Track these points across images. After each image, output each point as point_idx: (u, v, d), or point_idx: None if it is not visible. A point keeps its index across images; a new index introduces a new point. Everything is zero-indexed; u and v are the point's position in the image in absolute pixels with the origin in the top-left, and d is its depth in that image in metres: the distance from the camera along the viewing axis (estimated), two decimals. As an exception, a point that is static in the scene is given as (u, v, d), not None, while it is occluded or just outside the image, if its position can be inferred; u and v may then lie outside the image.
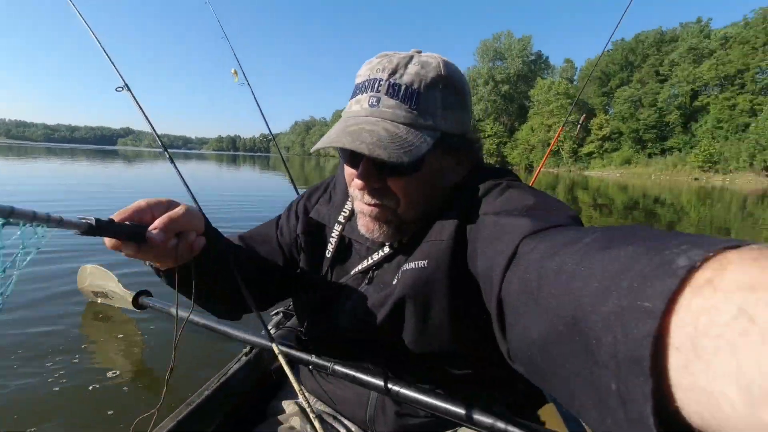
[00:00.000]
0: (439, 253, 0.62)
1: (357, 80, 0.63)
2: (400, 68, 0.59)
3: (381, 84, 0.59)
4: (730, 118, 38.67)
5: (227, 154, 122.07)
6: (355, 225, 0.71)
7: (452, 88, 0.62)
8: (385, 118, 0.59)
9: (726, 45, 41.85)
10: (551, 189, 17.35)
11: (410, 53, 0.63)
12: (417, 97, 0.59)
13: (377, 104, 0.60)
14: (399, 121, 0.59)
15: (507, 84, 64.34)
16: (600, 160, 49.60)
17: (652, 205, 11.76)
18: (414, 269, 0.64)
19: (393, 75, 0.59)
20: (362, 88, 0.61)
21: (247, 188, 11.61)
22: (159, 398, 0.68)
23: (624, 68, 52.52)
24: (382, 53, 0.64)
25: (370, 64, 0.62)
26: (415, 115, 0.60)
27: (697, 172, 37.48)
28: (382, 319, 0.67)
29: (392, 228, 0.67)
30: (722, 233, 6.85)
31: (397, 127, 0.59)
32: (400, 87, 0.59)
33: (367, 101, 0.60)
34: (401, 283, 0.65)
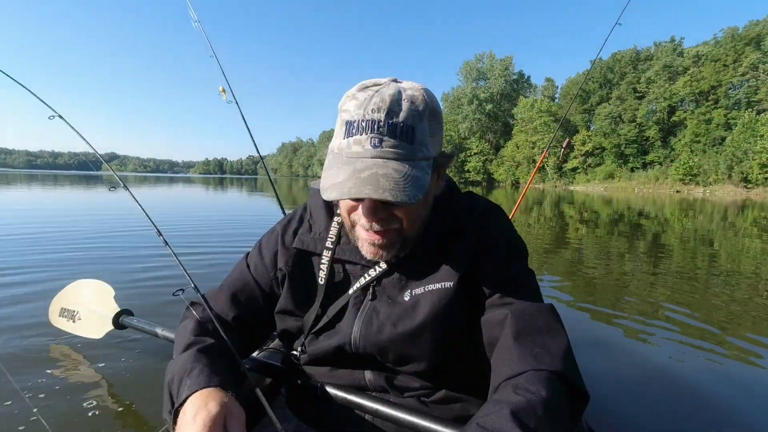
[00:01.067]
0: (463, 274, 0.73)
1: (346, 116, 0.65)
2: (394, 107, 0.62)
3: (380, 125, 0.62)
4: (706, 132, 39.93)
5: (214, 177, 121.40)
6: (346, 248, 0.79)
7: (434, 115, 0.68)
8: (389, 158, 0.63)
9: (698, 62, 43.54)
10: (538, 204, 17.54)
11: (394, 87, 0.65)
12: (412, 132, 0.64)
13: (380, 145, 0.62)
14: (402, 159, 0.63)
15: (491, 103, 65.65)
16: (584, 175, 50.54)
17: (637, 218, 11.92)
18: (441, 289, 0.72)
19: (390, 115, 0.62)
20: (360, 128, 0.63)
21: (235, 209, 11.50)
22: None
23: (603, 86, 54.12)
24: (363, 85, 0.67)
25: (357, 100, 0.64)
26: (413, 150, 0.64)
27: (679, 185, 38.33)
28: (403, 332, 0.72)
29: (396, 248, 0.73)
30: (706, 244, 6.95)
31: (402, 165, 0.63)
32: (397, 126, 0.62)
33: (368, 142, 0.62)
34: (429, 301, 0.72)
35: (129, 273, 3.69)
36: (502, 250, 0.76)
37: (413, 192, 0.61)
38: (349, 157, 0.64)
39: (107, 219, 7.89)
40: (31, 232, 5.79)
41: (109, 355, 2.07)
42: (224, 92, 1.90)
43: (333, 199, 0.63)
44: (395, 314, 0.74)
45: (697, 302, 3.49)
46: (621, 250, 6.18)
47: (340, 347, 0.77)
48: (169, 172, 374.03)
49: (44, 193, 16.53)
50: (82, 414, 1.59)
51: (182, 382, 0.65)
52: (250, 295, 0.85)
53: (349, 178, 0.61)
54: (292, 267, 0.83)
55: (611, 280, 4.27)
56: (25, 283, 3.25)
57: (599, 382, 2.07)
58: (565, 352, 0.65)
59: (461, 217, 0.80)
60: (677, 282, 4.20)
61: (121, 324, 1.77)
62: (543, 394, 0.57)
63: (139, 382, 1.86)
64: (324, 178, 0.66)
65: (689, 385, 2.07)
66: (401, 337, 0.72)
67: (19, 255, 4.29)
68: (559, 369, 0.62)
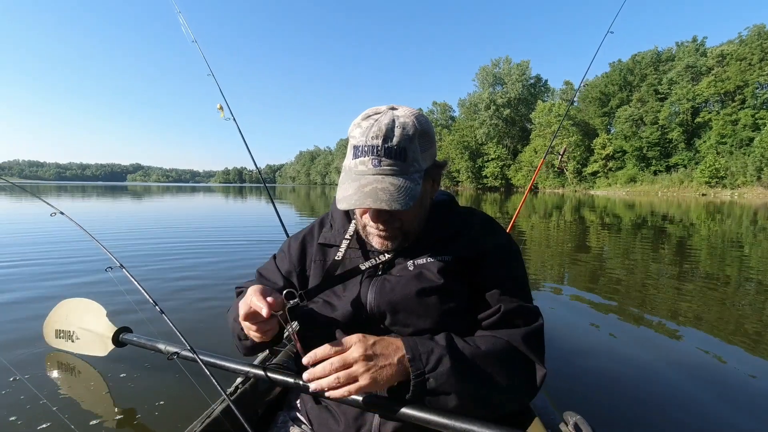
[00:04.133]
0: (460, 254, 0.90)
1: (353, 141, 0.82)
2: (388, 134, 0.79)
3: (378, 149, 0.79)
4: (733, 133, 38.61)
5: (234, 186, 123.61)
6: (362, 240, 0.96)
7: (424, 135, 0.84)
8: (386, 174, 0.80)
9: (723, 62, 42.30)
10: (557, 209, 17.27)
11: (390, 116, 0.81)
12: (405, 152, 0.80)
13: (379, 164, 0.79)
14: (397, 174, 0.80)
15: (508, 108, 65.07)
16: (605, 179, 49.48)
17: (661, 222, 11.61)
18: (440, 261, 0.89)
19: (385, 141, 0.79)
20: (363, 151, 0.80)
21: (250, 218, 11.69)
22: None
23: (623, 88, 53.03)
24: (366, 114, 0.84)
25: (361, 128, 0.81)
26: (406, 165, 0.81)
27: (705, 188, 37.17)
28: (412, 291, 0.86)
29: (399, 240, 0.90)
30: (735, 247, 6.72)
31: (397, 179, 0.80)
32: (392, 148, 0.79)
33: (370, 162, 0.80)
34: (431, 269, 0.88)
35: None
36: (499, 252, 0.92)
37: (406, 200, 0.78)
38: (357, 174, 0.81)
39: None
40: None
41: (111, 367, 2.10)
42: (222, 109, 1.94)
43: (344, 208, 0.79)
44: (404, 279, 0.88)
45: (726, 310, 3.38)
46: (645, 256, 6.03)
47: (358, 310, 0.89)
48: (191, 182, 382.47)
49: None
50: (91, 423, 1.64)
51: (239, 297, 0.92)
52: (273, 280, 1.01)
53: (355, 192, 0.79)
54: (317, 260, 0.99)
55: (635, 285, 4.17)
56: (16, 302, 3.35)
57: (616, 384, 2.03)
58: (529, 334, 0.84)
59: (461, 222, 0.96)
60: (704, 288, 4.07)
61: (122, 342, 1.76)
62: (484, 346, 0.80)
63: (141, 392, 1.90)
64: (339, 190, 0.83)
65: (710, 398, 2.01)
66: (410, 295, 0.86)
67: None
68: (515, 342, 0.83)
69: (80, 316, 2.01)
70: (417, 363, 0.75)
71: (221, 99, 1.86)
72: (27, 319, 2.77)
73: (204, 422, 1.02)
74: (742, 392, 2.06)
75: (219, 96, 1.89)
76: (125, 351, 1.83)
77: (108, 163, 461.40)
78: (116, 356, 2.10)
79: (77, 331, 1.99)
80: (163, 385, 1.96)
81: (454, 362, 0.75)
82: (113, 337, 1.75)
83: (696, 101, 42.81)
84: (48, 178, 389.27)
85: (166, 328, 1.39)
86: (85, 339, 1.96)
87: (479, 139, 66.81)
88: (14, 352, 2.25)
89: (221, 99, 1.86)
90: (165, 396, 1.86)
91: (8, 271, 4.22)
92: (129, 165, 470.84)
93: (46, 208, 1.98)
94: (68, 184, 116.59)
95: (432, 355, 0.75)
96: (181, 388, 1.89)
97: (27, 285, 3.68)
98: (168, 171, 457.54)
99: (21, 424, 1.62)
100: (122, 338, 1.75)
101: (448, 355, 0.76)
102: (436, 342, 0.78)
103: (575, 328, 2.93)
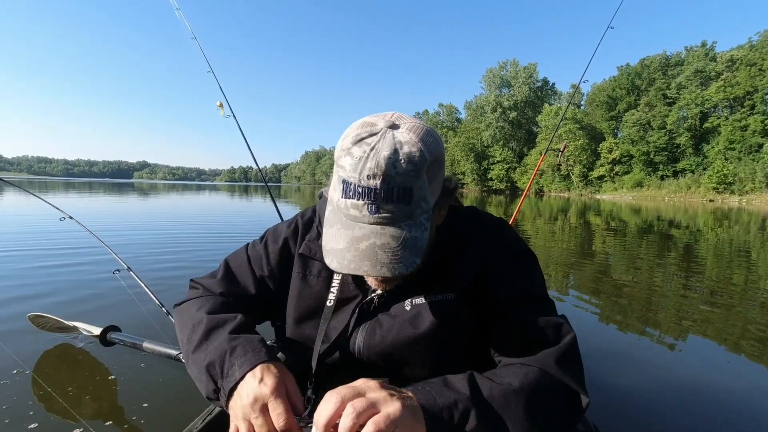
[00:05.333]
0: (462, 288, 0.77)
1: (342, 174, 0.63)
2: (389, 171, 0.60)
3: (377, 192, 0.61)
4: (742, 139, 38.29)
5: (239, 185, 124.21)
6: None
7: (434, 163, 0.65)
8: (386, 223, 0.63)
9: (733, 67, 41.96)
10: (562, 213, 17.18)
11: (390, 142, 0.61)
12: (410, 193, 0.62)
13: (377, 211, 0.62)
14: (399, 222, 0.63)
15: (514, 110, 64.92)
16: (611, 184, 49.22)
17: (667, 227, 11.52)
18: (442, 300, 0.76)
19: (386, 181, 0.60)
20: (356, 193, 0.62)
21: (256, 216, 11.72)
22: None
23: (630, 92, 52.74)
24: (358, 136, 0.63)
25: (352, 157, 0.62)
26: (412, 208, 0.63)
27: (712, 194, 36.86)
28: (405, 341, 0.76)
29: (399, 280, 0.77)
30: (742, 255, 6.65)
31: (400, 229, 0.63)
32: (393, 190, 0.61)
33: (366, 208, 0.62)
34: (430, 312, 0.76)
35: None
36: (509, 261, 0.78)
37: (411, 259, 0.63)
38: (348, 219, 0.65)
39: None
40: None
41: (113, 364, 2.10)
42: (222, 107, 1.93)
43: (334, 269, 0.64)
44: (397, 324, 0.77)
45: (732, 317, 3.34)
46: (650, 262, 5.98)
47: (345, 355, 0.80)
48: (197, 180, 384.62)
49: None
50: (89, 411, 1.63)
51: (227, 361, 0.68)
52: (244, 285, 0.88)
53: (348, 247, 0.63)
54: (297, 271, 0.86)
55: (640, 292, 4.14)
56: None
57: (620, 392, 2.01)
58: (565, 355, 0.68)
59: (465, 230, 0.82)
60: (710, 295, 4.03)
61: (109, 341, 1.76)
62: (516, 382, 0.64)
63: (143, 390, 1.88)
64: (325, 234, 0.67)
65: (715, 407, 1.98)
66: (403, 345, 0.75)
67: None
68: (550, 369, 0.67)
69: (62, 324, 2.03)
70: (436, 422, 0.56)
71: (223, 97, 1.86)
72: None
73: (205, 419, 1.01)
74: (745, 401, 2.03)
75: (221, 93, 1.89)
76: (128, 348, 1.83)
77: (115, 160, 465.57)
78: (118, 353, 2.12)
79: (71, 327, 2.01)
80: (166, 383, 1.95)
81: (482, 415, 0.58)
82: (101, 336, 1.76)
83: (705, 106, 42.50)
84: (56, 174, 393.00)
85: (173, 330, 1.39)
86: (80, 329, 2.00)
87: (485, 141, 66.70)
88: (15, 346, 2.26)
89: (223, 97, 1.86)
90: (171, 393, 1.86)
91: (15, 270, 4.25)
92: (136, 162, 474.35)
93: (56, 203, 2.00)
94: (76, 180, 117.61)
95: (455, 409, 0.58)
96: (185, 385, 1.88)
97: (32, 283, 3.71)
98: (174, 169, 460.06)
99: (32, 415, 1.62)
100: (110, 337, 1.74)
101: (475, 409, 0.58)
102: (457, 390, 0.61)
103: (578, 331, 2.91)
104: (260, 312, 0.91)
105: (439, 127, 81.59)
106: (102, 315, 2.72)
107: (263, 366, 0.66)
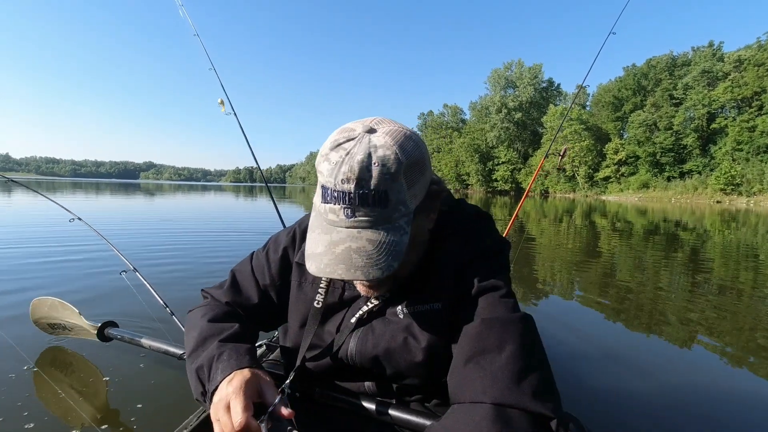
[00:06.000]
0: (448, 295, 0.75)
1: (321, 179, 0.65)
2: (363, 175, 0.60)
3: (351, 196, 0.61)
4: (750, 140, 37.91)
5: (244, 185, 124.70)
6: None
7: (412, 167, 0.64)
8: (363, 227, 0.63)
9: (740, 67, 41.57)
10: (567, 214, 17.10)
11: (365, 147, 0.62)
12: (386, 196, 0.62)
13: (352, 215, 0.62)
14: (376, 225, 0.63)
15: (519, 111, 64.72)
16: (617, 185, 48.93)
17: (674, 228, 11.43)
18: (429, 310, 0.76)
19: (359, 185, 0.60)
20: (333, 197, 0.63)
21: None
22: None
23: (637, 93, 52.40)
24: (336, 142, 0.64)
25: (329, 163, 0.62)
26: (389, 211, 0.63)
27: (720, 195, 36.52)
28: (397, 348, 0.77)
29: (388, 286, 0.78)
30: (750, 257, 6.58)
31: (377, 232, 0.63)
32: (368, 195, 0.61)
33: (342, 212, 0.63)
34: (420, 321, 0.76)
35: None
36: (478, 261, 0.76)
37: (387, 263, 0.62)
38: (327, 224, 0.66)
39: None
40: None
41: (109, 362, 2.08)
42: (223, 104, 1.94)
43: (312, 273, 0.65)
44: (389, 331, 0.77)
45: (739, 319, 3.31)
46: (656, 262, 5.93)
47: (339, 361, 0.81)
48: (202, 180, 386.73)
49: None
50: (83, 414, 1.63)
51: (213, 366, 0.72)
52: (248, 295, 0.91)
53: (325, 251, 0.64)
54: (295, 279, 0.89)
55: (644, 291, 4.10)
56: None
57: (622, 395, 1.99)
58: (516, 373, 0.60)
59: (448, 228, 0.80)
60: (716, 297, 3.99)
61: (107, 336, 1.74)
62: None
63: (139, 388, 1.88)
64: (308, 240, 0.69)
65: (722, 412, 1.96)
66: (394, 352, 0.77)
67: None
68: (502, 400, 0.58)
69: (60, 314, 1.99)
70: None
71: (227, 95, 1.87)
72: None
73: (200, 417, 1.02)
74: (748, 404, 2.00)
75: (223, 91, 1.90)
76: (125, 347, 1.82)
77: (122, 161, 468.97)
78: (114, 352, 2.13)
79: (66, 325, 1.98)
80: (164, 381, 1.95)
81: None
82: (98, 332, 1.74)
83: (712, 107, 42.12)
84: (64, 174, 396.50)
85: (179, 332, 1.40)
86: (74, 331, 1.98)
87: (490, 142, 66.55)
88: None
89: (227, 95, 1.87)
90: (169, 392, 1.86)
91: (18, 266, 4.29)
92: (142, 163, 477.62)
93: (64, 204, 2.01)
94: (83, 180, 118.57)
95: None
96: (181, 384, 1.87)
97: (40, 285, 3.74)
98: (180, 169, 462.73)
99: (27, 416, 1.63)
100: (108, 332, 1.73)
101: None
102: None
103: (580, 332, 2.89)
104: (265, 320, 0.94)
105: (443, 128, 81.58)
106: (107, 315, 2.73)
107: (239, 371, 0.69)
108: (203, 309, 0.88)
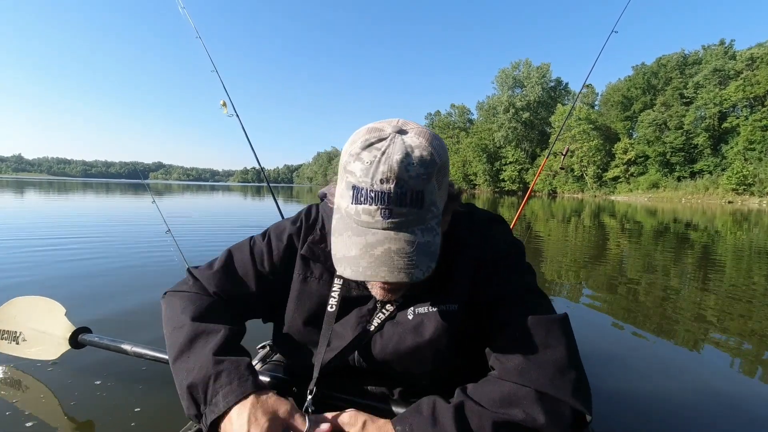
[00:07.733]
0: (465, 296, 0.75)
1: (352, 179, 0.62)
2: (402, 175, 0.59)
3: (390, 196, 0.60)
4: (762, 139, 37.31)
5: (252, 186, 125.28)
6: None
7: (442, 169, 0.65)
8: (400, 228, 0.62)
9: (753, 66, 40.93)
10: (576, 214, 16.95)
11: (400, 146, 0.61)
12: (422, 197, 0.61)
13: (390, 216, 0.61)
14: (412, 226, 0.62)
15: (527, 111, 64.38)
16: (626, 185, 48.46)
17: (684, 229, 11.27)
18: (445, 311, 0.74)
19: (399, 185, 0.59)
20: (368, 198, 0.61)
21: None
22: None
23: (646, 92, 51.85)
24: (367, 141, 0.62)
25: (362, 162, 0.61)
26: (423, 212, 0.63)
27: (731, 195, 35.99)
28: (406, 351, 0.75)
29: (405, 289, 0.76)
30: (762, 257, 6.46)
31: (413, 234, 0.62)
32: (407, 194, 0.60)
33: (378, 213, 0.61)
34: (432, 322, 0.74)
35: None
36: (495, 262, 0.77)
37: (426, 264, 0.62)
38: (359, 226, 0.63)
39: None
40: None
41: (64, 373, 1.88)
42: (225, 106, 1.92)
43: (348, 277, 0.62)
44: (398, 333, 0.76)
45: (751, 323, 3.24)
46: (666, 264, 5.85)
47: (345, 362, 0.80)
48: (210, 181, 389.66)
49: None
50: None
51: (210, 388, 0.66)
52: (243, 281, 0.85)
53: (362, 254, 0.61)
54: (298, 272, 0.84)
55: (654, 294, 4.04)
56: None
57: (632, 397, 1.96)
58: (560, 369, 0.64)
59: (462, 230, 0.80)
60: (728, 299, 3.92)
61: (80, 342, 1.57)
62: (510, 411, 0.61)
63: (101, 400, 1.71)
64: (335, 243, 0.66)
65: (732, 416, 1.92)
66: (404, 354, 0.75)
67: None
68: (546, 389, 0.62)
69: (31, 315, 1.77)
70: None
71: (231, 97, 1.87)
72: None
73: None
74: (760, 407, 1.96)
75: (229, 94, 1.90)
76: (98, 356, 1.70)
77: (131, 161, 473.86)
78: (81, 362, 1.91)
79: (25, 332, 1.74)
80: (136, 392, 1.76)
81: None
82: (70, 338, 1.57)
83: (723, 106, 41.54)
84: (75, 174, 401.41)
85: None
86: (33, 341, 1.71)
87: (497, 142, 66.29)
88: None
89: (231, 97, 1.87)
90: (141, 404, 1.68)
91: (23, 271, 4.34)
92: (151, 163, 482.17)
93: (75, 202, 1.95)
94: (93, 181, 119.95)
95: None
96: (166, 395, 1.73)
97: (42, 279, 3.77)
98: (189, 170, 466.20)
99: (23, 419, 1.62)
100: (81, 339, 1.56)
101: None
102: (440, 424, 0.60)
103: (585, 333, 2.85)
104: (256, 311, 0.89)
105: (451, 128, 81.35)
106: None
107: (252, 400, 0.64)
108: (184, 300, 0.80)
